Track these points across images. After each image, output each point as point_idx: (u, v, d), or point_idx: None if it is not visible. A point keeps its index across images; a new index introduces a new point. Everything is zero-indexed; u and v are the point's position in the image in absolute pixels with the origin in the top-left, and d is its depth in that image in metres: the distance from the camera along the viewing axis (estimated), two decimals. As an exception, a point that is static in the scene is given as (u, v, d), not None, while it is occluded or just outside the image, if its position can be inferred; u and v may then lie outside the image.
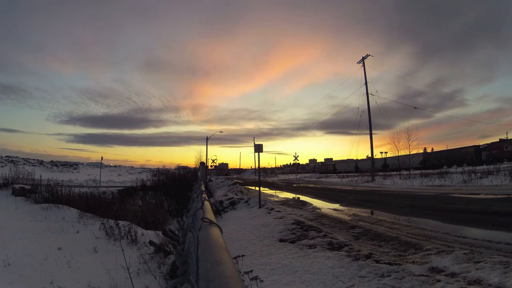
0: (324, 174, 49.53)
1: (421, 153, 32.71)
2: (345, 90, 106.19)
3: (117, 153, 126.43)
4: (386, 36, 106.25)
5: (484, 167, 20.76)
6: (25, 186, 17.45)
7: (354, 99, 32.21)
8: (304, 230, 5.95)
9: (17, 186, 17.42)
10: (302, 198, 14.16)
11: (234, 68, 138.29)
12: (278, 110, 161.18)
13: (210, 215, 1.34)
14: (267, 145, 75.88)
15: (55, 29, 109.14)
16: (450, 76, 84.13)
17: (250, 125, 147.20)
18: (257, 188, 15.45)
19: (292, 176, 54.64)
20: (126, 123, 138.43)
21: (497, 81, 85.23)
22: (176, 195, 16.48)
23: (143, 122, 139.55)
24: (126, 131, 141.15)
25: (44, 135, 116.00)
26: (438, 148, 44.79)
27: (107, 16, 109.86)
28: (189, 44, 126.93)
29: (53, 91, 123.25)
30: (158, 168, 37.09)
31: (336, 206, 10.74)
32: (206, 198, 2.20)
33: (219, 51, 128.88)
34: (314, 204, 11.35)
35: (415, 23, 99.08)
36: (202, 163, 15.62)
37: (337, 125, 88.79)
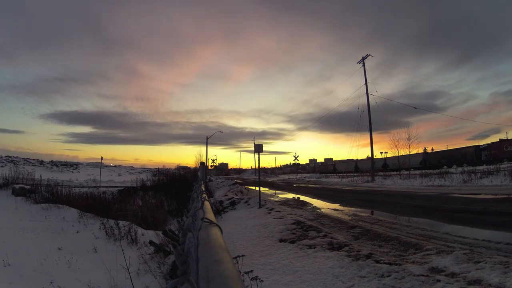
0: (324, 174, 49.52)
1: (421, 153, 32.70)
2: (345, 90, 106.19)
3: (108, 152, 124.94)
4: (386, 34, 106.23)
5: (484, 167, 20.76)
6: (25, 186, 17.43)
7: (354, 99, 32.17)
8: (304, 230, 5.95)
9: (17, 186, 17.39)
10: (302, 198, 14.16)
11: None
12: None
13: (210, 215, 1.34)
14: (266, 144, 75.77)
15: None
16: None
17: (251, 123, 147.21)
18: (257, 188, 15.45)
19: (292, 176, 54.62)
20: (119, 122, 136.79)
21: (494, 77, 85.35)
22: (176, 195, 16.46)
23: (141, 121, 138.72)
24: (122, 130, 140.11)
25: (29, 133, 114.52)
26: (437, 148, 44.83)
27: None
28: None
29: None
30: (158, 168, 37.10)
31: (336, 206, 10.74)
32: (206, 198, 2.20)
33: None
34: (314, 204, 11.35)
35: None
36: (202, 163, 15.67)
37: (337, 125, 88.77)
